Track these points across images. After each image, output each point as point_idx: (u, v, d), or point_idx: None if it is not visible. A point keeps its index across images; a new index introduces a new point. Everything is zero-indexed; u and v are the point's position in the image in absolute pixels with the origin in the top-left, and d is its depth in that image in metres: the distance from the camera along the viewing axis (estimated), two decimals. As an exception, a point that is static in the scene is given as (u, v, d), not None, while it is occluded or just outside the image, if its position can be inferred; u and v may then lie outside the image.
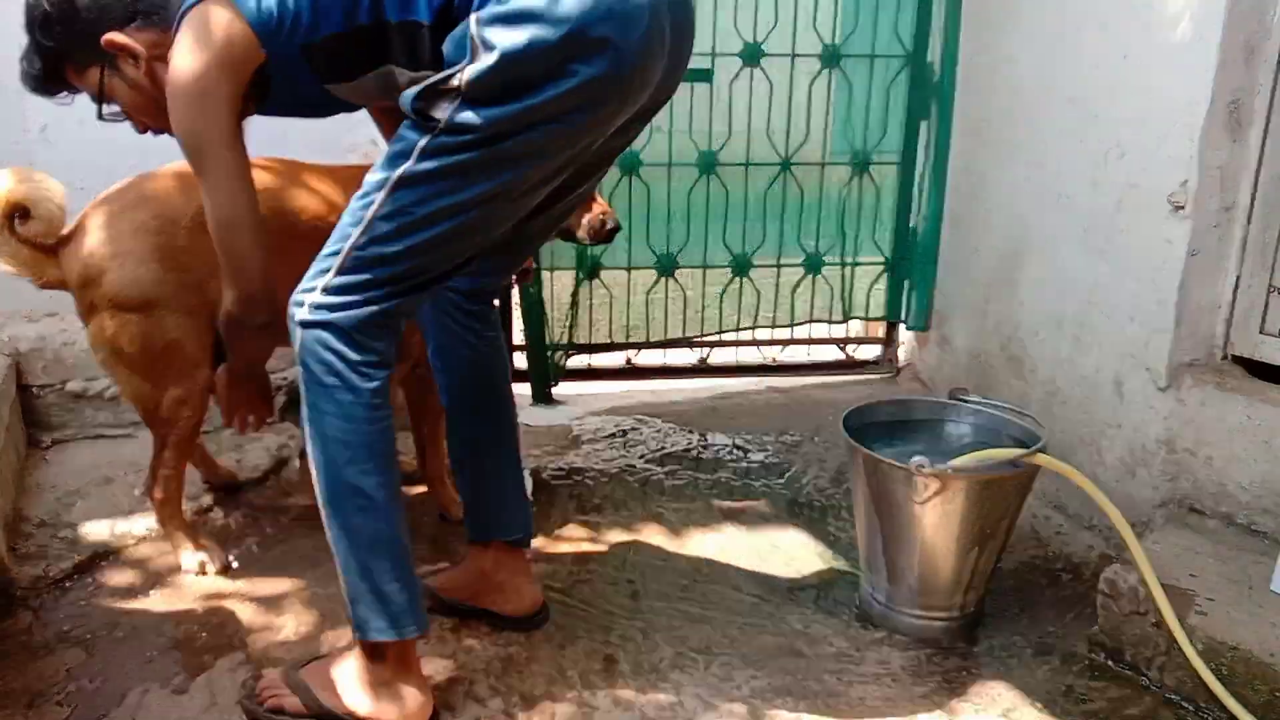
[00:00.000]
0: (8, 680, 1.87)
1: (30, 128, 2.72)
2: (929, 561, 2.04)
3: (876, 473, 2.03)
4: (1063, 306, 2.63)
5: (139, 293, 2.07)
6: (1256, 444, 2.11)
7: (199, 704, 1.83)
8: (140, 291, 2.07)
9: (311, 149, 2.87)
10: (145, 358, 2.11)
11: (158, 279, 2.08)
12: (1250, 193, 2.17)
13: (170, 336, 2.11)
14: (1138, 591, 1.93)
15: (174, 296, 2.10)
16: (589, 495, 2.73)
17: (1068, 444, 2.58)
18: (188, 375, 2.15)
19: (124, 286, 2.07)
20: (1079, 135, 2.54)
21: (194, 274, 2.09)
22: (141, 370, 2.13)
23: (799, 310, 3.62)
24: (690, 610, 2.19)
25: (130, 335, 2.09)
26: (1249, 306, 2.21)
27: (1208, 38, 2.10)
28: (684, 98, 3.26)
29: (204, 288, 2.09)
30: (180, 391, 2.16)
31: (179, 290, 2.10)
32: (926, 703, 1.90)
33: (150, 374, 2.14)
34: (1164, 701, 1.89)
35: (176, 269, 2.09)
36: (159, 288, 2.08)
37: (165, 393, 2.15)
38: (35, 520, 2.41)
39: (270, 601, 2.16)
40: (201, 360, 2.16)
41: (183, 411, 2.17)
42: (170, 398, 2.15)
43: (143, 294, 2.07)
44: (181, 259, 2.09)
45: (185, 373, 2.15)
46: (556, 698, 1.88)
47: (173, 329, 2.11)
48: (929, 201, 3.34)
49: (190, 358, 2.14)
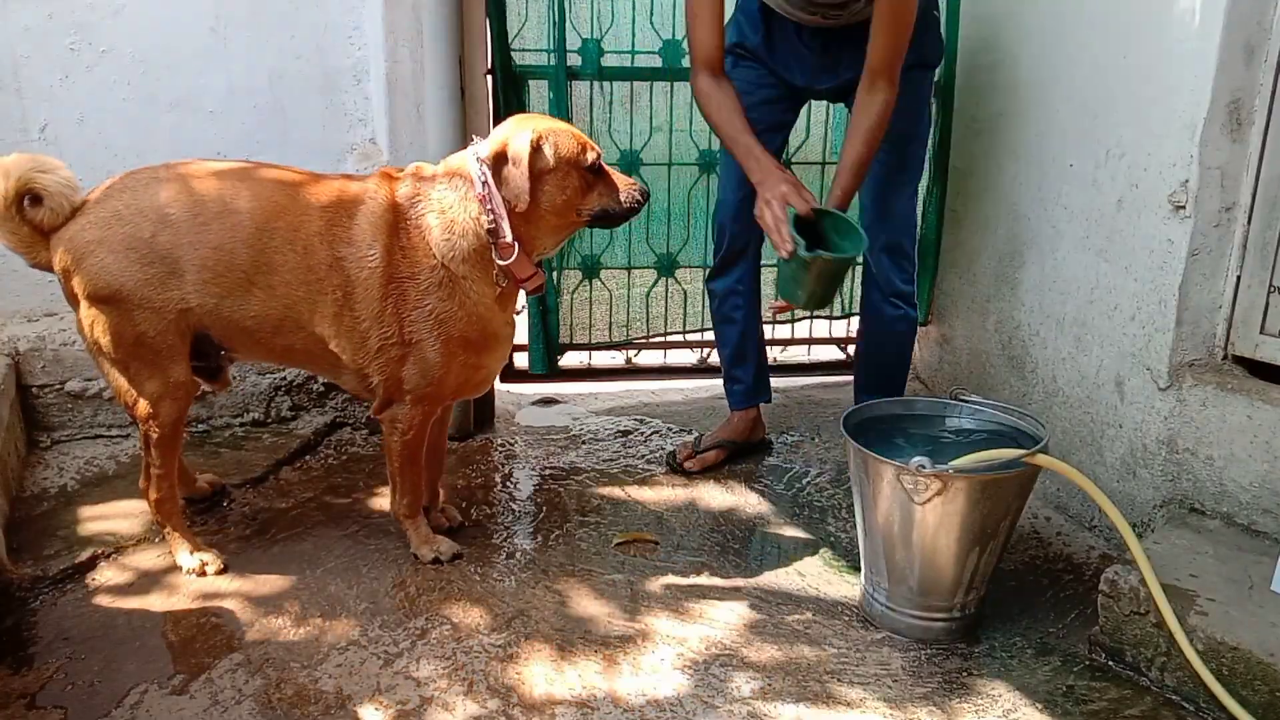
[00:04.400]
0: (7, 680, 1.87)
1: (30, 127, 2.72)
2: (929, 561, 2.04)
3: (877, 473, 2.03)
4: (1063, 306, 2.63)
5: (107, 283, 2.06)
6: (1257, 444, 2.11)
7: (199, 704, 1.83)
8: (109, 282, 2.06)
9: (312, 149, 2.89)
10: (118, 350, 2.11)
11: (126, 270, 2.06)
12: (1250, 193, 2.17)
13: (139, 329, 2.09)
14: (1138, 591, 1.93)
15: (142, 289, 2.07)
16: (589, 495, 2.73)
17: (1068, 444, 2.58)
18: (161, 369, 2.14)
19: (95, 277, 2.06)
20: (1079, 135, 2.54)
21: (162, 267, 2.07)
22: (116, 363, 2.13)
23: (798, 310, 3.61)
24: (690, 610, 2.19)
25: (103, 327, 2.09)
26: (1249, 306, 2.21)
27: (1208, 38, 2.10)
28: (684, 97, 3.26)
29: (169, 283, 2.08)
30: (156, 385, 2.14)
31: (147, 283, 2.07)
32: (926, 703, 1.90)
33: (125, 367, 2.13)
34: (1164, 701, 1.89)
35: (144, 262, 2.06)
36: (127, 279, 2.06)
37: (142, 386, 2.14)
38: (35, 520, 2.41)
39: (270, 601, 2.16)
40: (177, 355, 2.15)
41: (161, 406, 2.16)
42: (148, 391, 2.14)
43: (111, 285, 2.06)
44: (150, 251, 2.06)
45: (159, 366, 2.13)
46: (556, 698, 1.88)
47: (141, 321, 2.09)
48: (929, 201, 3.34)
49: (162, 351, 2.13)
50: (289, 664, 1.95)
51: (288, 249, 2.11)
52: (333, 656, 1.98)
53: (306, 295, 2.12)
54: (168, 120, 2.82)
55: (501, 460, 2.96)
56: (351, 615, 2.12)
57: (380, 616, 2.12)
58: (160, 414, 2.17)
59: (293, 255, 2.11)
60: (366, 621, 2.10)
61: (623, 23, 3.14)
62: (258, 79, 2.84)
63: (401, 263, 2.11)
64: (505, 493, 2.78)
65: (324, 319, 2.14)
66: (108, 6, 2.71)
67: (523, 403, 3.42)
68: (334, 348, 2.16)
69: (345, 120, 2.93)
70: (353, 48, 2.87)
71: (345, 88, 2.90)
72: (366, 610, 2.14)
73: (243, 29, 2.80)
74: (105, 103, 2.77)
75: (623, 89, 3.22)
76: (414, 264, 2.11)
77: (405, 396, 2.20)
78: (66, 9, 2.69)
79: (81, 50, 2.73)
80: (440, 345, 2.14)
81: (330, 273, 2.11)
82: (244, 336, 2.18)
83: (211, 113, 2.84)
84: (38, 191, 2.04)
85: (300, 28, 2.83)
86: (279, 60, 2.84)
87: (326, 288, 2.12)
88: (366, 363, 2.17)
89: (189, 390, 2.21)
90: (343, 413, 3.07)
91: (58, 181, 2.05)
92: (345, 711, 1.83)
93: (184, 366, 2.17)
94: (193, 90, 2.82)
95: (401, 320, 2.12)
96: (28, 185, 2.03)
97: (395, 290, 2.11)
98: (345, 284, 2.12)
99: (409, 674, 1.93)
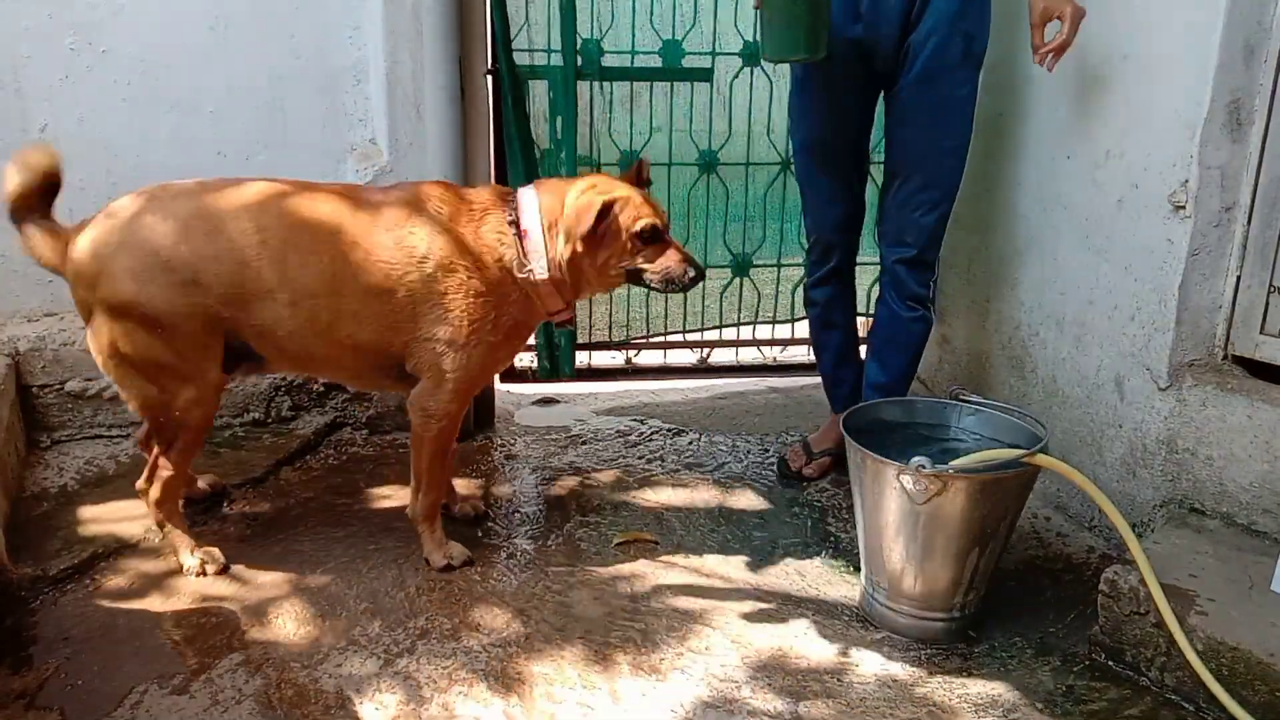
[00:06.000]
0: (7, 680, 1.87)
1: (30, 127, 2.72)
2: (929, 561, 2.04)
3: (877, 473, 2.03)
4: (1063, 306, 2.62)
5: (133, 295, 2.03)
6: (1257, 444, 2.11)
7: (199, 704, 1.83)
8: (134, 293, 2.03)
9: (311, 149, 2.89)
10: (150, 361, 2.08)
11: (151, 279, 2.03)
12: (1250, 193, 2.17)
13: (177, 340, 2.07)
14: (1138, 591, 1.93)
15: (169, 297, 2.04)
16: (589, 495, 2.73)
17: (1068, 444, 2.58)
18: (196, 375, 2.12)
19: (117, 288, 2.03)
20: (1079, 135, 2.54)
21: (184, 273, 2.05)
22: (146, 373, 2.10)
23: (799, 310, 3.62)
24: (690, 610, 2.19)
25: (129, 338, 2.06)
26: (1249, 306, 2.21)
27: (1208, 38, 2.10)
28: (684, 97, 3.27)
29: (196, 287, 2.05)
30: (193, 392, 2.13)
31: (173, 290, 2.04)
32: (926, 703, 1.90)
33: (156, 376, 2.11)
34: (1164, 701, 1.89)
35: (168, 269, 2.04)
36: (152, 289, 2.03)
37: (175, 394, 2.12)
38: (35, 520, 2.41)
39: (270, 601, 2.16)
40: (212, 360, 2.14)
41: (194, 412, 2.15)
42: (182, 398, 2.12)
43: (136, 296, 2.03)
44: (174, 259, 2.04)
45: (194, 373, 2.12)
46: (556, 698, 1.88)
47: (178, 333, 2.06)
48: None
49: (196, 358, 2.11)
50: (289, 664, 1.95)
51: (350, 255, 2.10)
52: (333, 656, 1.98)
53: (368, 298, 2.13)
54: (168, 120, 2.82)
55: (502, 460, 2.96)
56: (351, 615, 2.12)
57: (380, 616, 2.12)
58: (191, 419, 2.15)
59: (354, 261, 2.11)
60: (366, 621, 2.10)
61: (623, 23, 3.14)
62: (258, 79, 2.84)
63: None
64: (505, 493, 2.78)
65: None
66: (108, 6, 2.71)
67: (523, 403, 3.42)
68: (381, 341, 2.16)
69: (345, 120, 2.93)
70: (353, 48, 2.87)
71: (345, 88, 2.90)
72: (366, 610, 2.14)
73: (243, 29, 2.80)
74: (105, 103, 2.77)
75: (623, 89, 3.22)
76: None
77: (446, 383, 2.18)
78: (66, 9, 2.69)
79: (81, 50, 2.73)
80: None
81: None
82: (286, 342, 2.16)
83: (211, 113, 2.84)
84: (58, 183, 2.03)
85: (300, 28, 2.83)
86: (279, 60, 2.84)
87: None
88: (413, 348, 2.17)
89: (219, 391, 2.21)
90: (343, 413, 3.07)
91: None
92: (345, 711, 1.83)
93: (218, 370, 2.16)
94: (193, 90, 2.82)
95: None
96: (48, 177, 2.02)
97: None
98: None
99: (409, 674, 1.93)
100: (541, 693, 1.89)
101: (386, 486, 2.69)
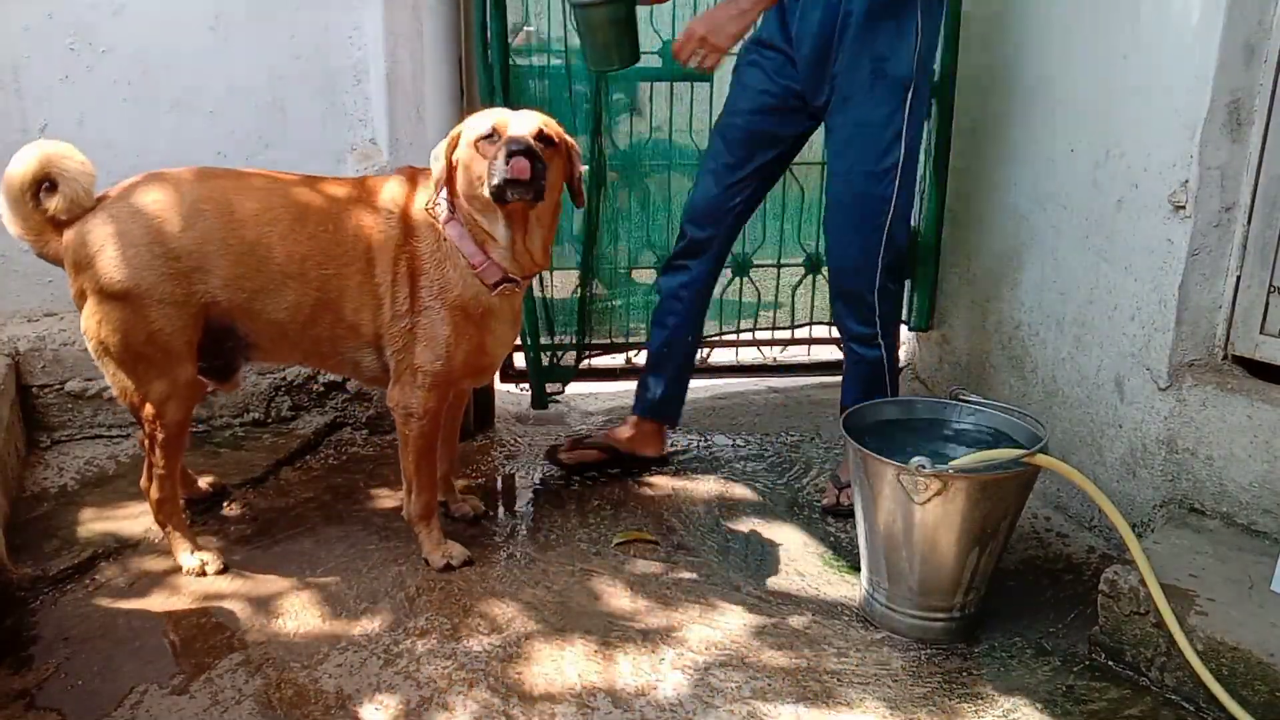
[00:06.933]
0: (7, 680, 1.87)
1: (30, 127, 2.72)
2: (929, 561, 2.04)
3: (877, 473, 2.03)
4: (1063, 306, 2.62)
5: (122, 279, 2.05)
6: (1257, 444, 2.11)
7: (199, 704, 1.83)
8: (124, 278, 2.05)
9: (311, 149, 2.89)
10: (127, 349, 2.10)
11: (144, 266, 2.05)
12: (1250, 193, 2.17)
13: (152, 327, 2.09)
14: (1138, 591, 1.93)
15: (159, 286, 2.07)
16: (589, 495, 2.73)
17: (1068, 444, 2.58)
18: (169, 369, 2.14)
19: (110, 271, 2.05)
20: (1078, 135, 2.54)
21: (183, 264, 2.08)
22: (123, 363, 2.12)
23: (799, 310, 3.62)
24: (690, 610, 2.19)
25: (112, 324, 2.08)
26: (1249, 306, 2.21)
27: (1208, 38, 2.10)
28: (684, 97, 3.26)
29: (191, 279, 2.09)
30: (164, 386, 2.14)
31: (164, 280, 2.07)
32: (926, 703, 1.90)
33: (132, 367, 2.12)
34: (1164, 701, 1.90)
35: (166, 257, 2.07)
36: (144, 275, 2.05)
37: (149, 387, 2.13)
38: (35, 520, 2.41)
39: (270, 601, 2.16)
40: (185, 355, 2.15)
41: (168, 406, 2.15)
42: (154, 392, 2.14)
43: (127, 280, 2.05)
44: (173, 248, 2.07)
45: (167, 366, 2.13)
46: (556, 698, 1.88)
47: (155, 319, 2.08)
48: (929, 201, 3.33)
49: (172, 351, 2.12)
50: (289, 664, 1.95)
51: (319, 234, 2.16)
52: (333, 656, 1.98)
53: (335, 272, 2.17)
54: (168, 120, 2.82)
55: (502, 460, 2.96)
56: (351, 615, 2.12)
57: (380, 616, 2.12)
58: (166, 415, 2.16)
59: (323, 237, 2.16)
60: (366, 621, 2.10)
61: (622, 23, 3.14)
62: (258, 79, 2.84)
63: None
64: (505, 493, 2.78)
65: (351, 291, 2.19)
66: (108, 6, 2.71)
67: (523, 403, 3.42)
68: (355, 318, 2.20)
69: (345, 120, 2.93)
70: (353, 48, 2.87)
71: (345, 88, 2.90)
72: (366, 610, 2.14)
73: (243, 29, 2.80)
74: (105, 103, 2.77)
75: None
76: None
77: (418, 374, 2.20)
78: (66, 9, 2.69)
79: (81, 50, 2.73)
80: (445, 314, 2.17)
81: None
82: (274, 330, 2.20)
83: (211, 112, 2.84)
84: (55, 176, 2.04)
85: (300, 28, 2.83)
86: (279, 60, 2.84)
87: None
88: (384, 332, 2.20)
89: (195, 391, 2.22)
90: (343, 413, 3.06)
91: (76, 166, 2.06)
92: (345, 711, 1.83)
93: (191, 367, 2.17)
94: (193, 90, 2.82)
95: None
96: (46, 170, 2.03)
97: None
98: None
99: (409, 674, 1.93)
100: (541, 692, 1.89)
101: (386, 486, 2.69)
